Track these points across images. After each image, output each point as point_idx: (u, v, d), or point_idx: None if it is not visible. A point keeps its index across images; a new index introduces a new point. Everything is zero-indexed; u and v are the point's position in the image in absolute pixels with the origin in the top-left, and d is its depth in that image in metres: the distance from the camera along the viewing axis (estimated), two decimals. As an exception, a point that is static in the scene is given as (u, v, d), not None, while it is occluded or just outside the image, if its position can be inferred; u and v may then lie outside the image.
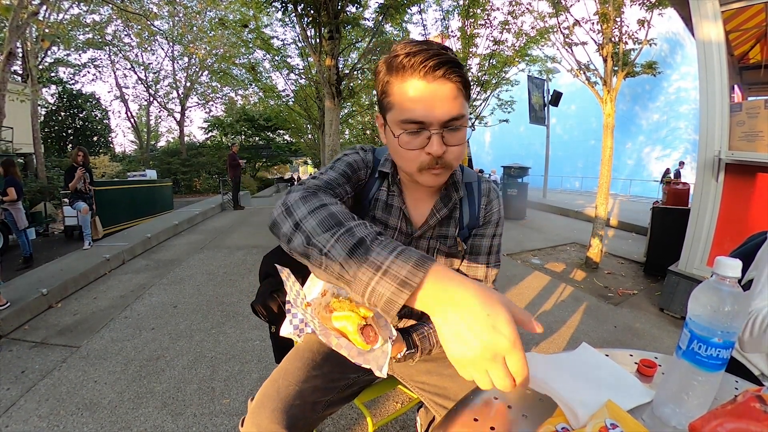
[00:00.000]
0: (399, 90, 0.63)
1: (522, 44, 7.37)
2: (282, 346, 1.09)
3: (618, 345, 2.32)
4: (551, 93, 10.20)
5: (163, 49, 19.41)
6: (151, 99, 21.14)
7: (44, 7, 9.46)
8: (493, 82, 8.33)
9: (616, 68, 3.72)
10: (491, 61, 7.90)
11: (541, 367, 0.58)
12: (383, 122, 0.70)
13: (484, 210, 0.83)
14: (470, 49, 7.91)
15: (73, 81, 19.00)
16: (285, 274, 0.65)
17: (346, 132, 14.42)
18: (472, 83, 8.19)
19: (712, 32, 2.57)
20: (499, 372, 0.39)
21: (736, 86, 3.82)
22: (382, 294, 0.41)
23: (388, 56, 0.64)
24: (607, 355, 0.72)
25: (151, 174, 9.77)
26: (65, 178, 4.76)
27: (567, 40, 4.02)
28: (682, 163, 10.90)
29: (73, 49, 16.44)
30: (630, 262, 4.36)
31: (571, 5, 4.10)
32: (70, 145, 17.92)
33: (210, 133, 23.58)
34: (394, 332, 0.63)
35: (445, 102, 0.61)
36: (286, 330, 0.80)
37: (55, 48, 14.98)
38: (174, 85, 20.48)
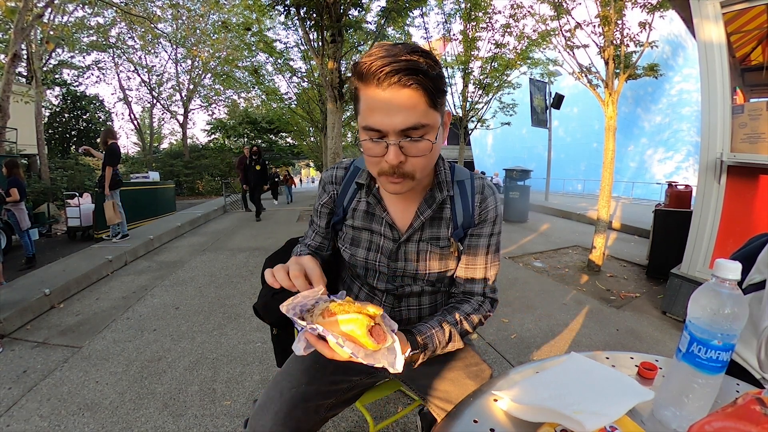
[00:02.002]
0: (363, 96, 0.62)
1: (523, 47, 7.39)
2: (283, 349, 1.09)
3: (620, 348, 2.30)
4: (553, 96, 10.20)
5: (166, 51, 19.64)
6: (155, 101, 21.31)
7: (49, 10, 9.60)
8: (495, 85, 8.35)
9: (617, 71, 3.71)
10: (493, 64, 7.93)
11: (529, 394, 0.57)
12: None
13: (478, 208, 0.81)
14: (472, 53, 7.94)
15: (77, 83, 19.22)
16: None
17: (348, 135, 14.45)
18: (474, 86, 8.24)
19: (713, 34, 2.56)
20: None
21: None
22: None
23: (355, 62, 0.64)
24: (607, 358, 0.72)
25: (154, 176, 9.77)
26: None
27: (568, 42, 4.02)
28: None
29: (77, 51, 16.66)
30: (632, 264, 4.34)
31: (573, 8, 4.11)
32: (74, 147, 18.02)
33: (213, 136, 23.71)
34: (395, 324, 0.59)
35: (401, 110, 0.59)
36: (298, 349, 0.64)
37: (59, 50, 15.16)
38: (177, 88, 20.63)
